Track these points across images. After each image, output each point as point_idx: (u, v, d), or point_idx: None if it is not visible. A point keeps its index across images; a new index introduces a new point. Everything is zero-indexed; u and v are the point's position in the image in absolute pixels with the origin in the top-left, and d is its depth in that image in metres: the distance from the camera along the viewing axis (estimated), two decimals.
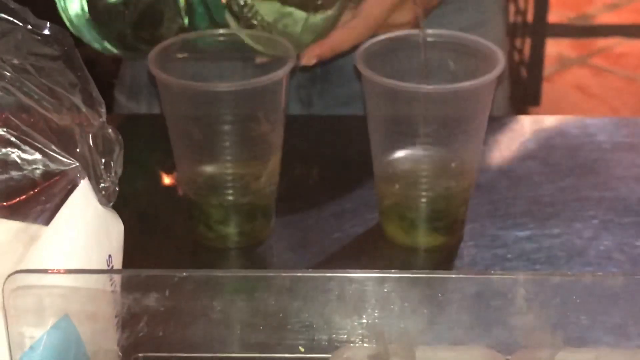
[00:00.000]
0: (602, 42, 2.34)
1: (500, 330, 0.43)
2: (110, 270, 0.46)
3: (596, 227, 0.73)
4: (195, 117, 0.69)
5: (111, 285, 0.46)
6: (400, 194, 0.70)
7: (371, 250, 0.72)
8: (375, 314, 0.42)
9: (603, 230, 0.72)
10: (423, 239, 0.71)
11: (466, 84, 0.66)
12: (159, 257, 0.71)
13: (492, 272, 0.46)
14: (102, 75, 0.93)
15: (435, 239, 0.71)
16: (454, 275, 0.41)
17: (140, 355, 0.50)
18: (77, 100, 0.49)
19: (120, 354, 0.48)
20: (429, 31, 0.71)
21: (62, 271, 0.42)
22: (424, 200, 0.69)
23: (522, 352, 0.44)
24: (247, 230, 0.72)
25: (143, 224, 0.73)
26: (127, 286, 0.45)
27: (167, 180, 0.76)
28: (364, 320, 0.43)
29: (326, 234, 0.73)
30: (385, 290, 0.42)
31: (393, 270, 0.41)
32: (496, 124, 0.86)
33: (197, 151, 0.70)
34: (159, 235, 0.73)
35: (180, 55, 0.70)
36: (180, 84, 0.67)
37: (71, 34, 0.50)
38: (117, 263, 0.49)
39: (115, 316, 0.47)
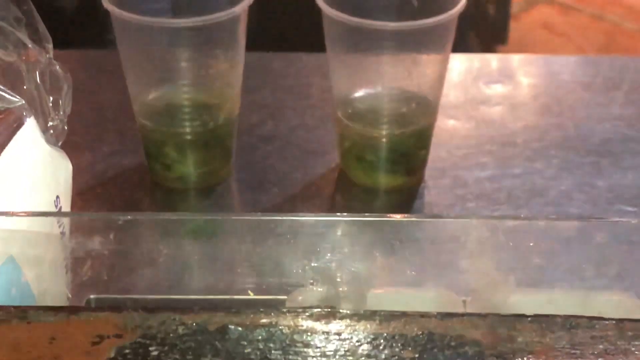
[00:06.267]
0: None
1: (453, 274, 0.43)
2: (53, 213, 0.44)
3: (557, 167, 0.72)
4: (151, 53, 0.67)
5: (59, 227, 0.45)
6: (361, 134, 0.69)
7: (331, 191, 0.71)
8: (327, 257, 0.42)
9: (564, 171, 0.72)
10: (383, 179, 0.70)
11: (429, 21, 0.65)
12: (117, 198, 0.69)
13: (445, 215, 0.45)
14: (56, 10, 0.90)
15: (395, 180, 0.70)
16: (406, 219, 0.41)
17: (91, 297, 0.49)
18: (23, 36, 0.47)
19: (69, 295, 0.47)
20: None
21: (5, 213, 0.41)
22: (384, 140, 0.69)
23: (476, 295, 0.44)
24: (206, 170, 0.71)
25: (97, 164, 0.72)
26: (76, 229, 0.44)
27: (121, 119, 0.74)
28: (315, 264, 0.42)
29: (286, 174, 0.72)
30: (337, 233, 0.41)
31: (345, 214, 0.41)
32: (461, 62, 0.86)
33: (153, 87, 0.69)
34: (114, 175, 0.71)
35: None
36: (136, 19, 0.65)
37: None
38: (66, 204, 0.48)
39: (65, 259, 0.46)
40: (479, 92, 0.81)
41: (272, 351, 0.34)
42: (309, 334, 0.35)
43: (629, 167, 0.72)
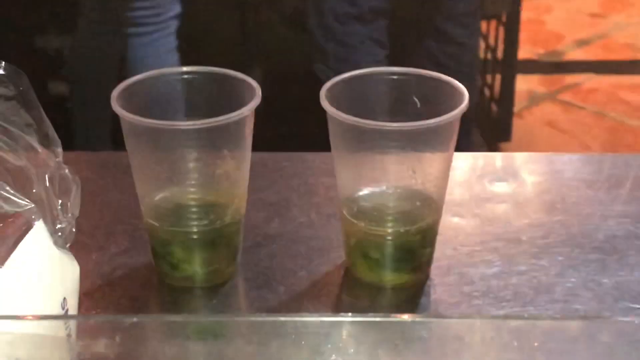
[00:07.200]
0: (571, 78, 2.37)
1: None
2: (59, 316, 0.45)
3: (563, 264, 0.73)
4: (159, 154, 0.68)
5: (66, 329, 0.45)
6: (366, 232, 0.69)
7: (338, 288, 0.71)
8: (332, 359, 0.42)
9: (569, 268, 0.72)
10: (389, 277, 0.70)
11: (431, 121, 0.66)
12: (123, 297, 0.69)
13: (449, 315, 0.45)
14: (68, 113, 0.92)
15: (401, 277, 0.70)
16: (410, 319, 0.41)
17: None
18: (33, 140, 0.48)
19: None
20: (396, 69, 0.71)
21: (13, 317, 0.41)
22: (389, 238, 0.69)
23: None
24: (212, 269, 0.71)
25: (104, 264, 0.72)
26: (82, 331, 0.44)
27: (128, 219, 0.75)
28: None
29: (292, 272, 0.72)
30: (341, 333, 0.41)
31: (349, 314, 0.41)
32: (465, 160, 0.86)
33: (161, 188, 0.70)
34: (121, 275, 0.71)
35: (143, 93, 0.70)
36: (144, 122, 0.66)
37: (26, 74, 0.49)
38: (73, 306, 0.48)
39: None
40: (483, 190, 0.82)
41: None
42: None
43: (634, 264, 0.72)
